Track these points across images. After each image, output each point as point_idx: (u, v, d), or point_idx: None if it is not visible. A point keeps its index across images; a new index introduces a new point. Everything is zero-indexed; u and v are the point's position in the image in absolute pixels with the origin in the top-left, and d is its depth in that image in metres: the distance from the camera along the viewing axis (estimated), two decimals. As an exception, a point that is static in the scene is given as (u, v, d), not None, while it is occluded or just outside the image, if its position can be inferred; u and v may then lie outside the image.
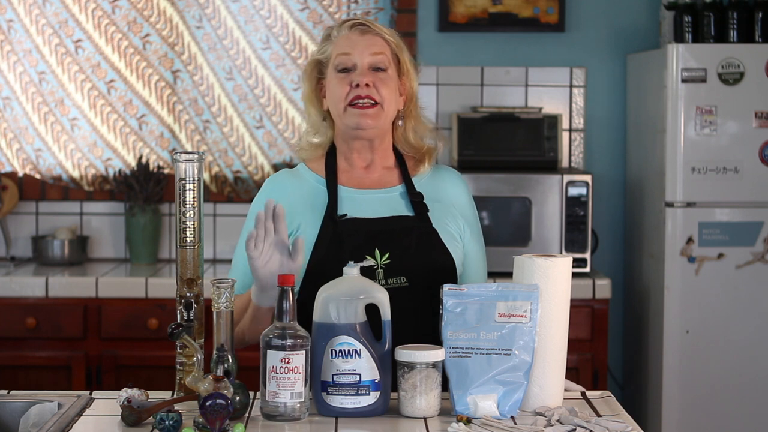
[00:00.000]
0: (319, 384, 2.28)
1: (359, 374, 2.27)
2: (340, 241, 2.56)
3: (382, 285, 2.51)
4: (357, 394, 2.27)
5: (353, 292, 2.29)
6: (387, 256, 2.56)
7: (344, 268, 2.34)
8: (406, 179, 2.68)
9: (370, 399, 2.28)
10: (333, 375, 2.27)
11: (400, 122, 2.70)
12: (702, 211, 4.25)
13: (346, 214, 2.60)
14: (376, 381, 2.28)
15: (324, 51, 2.66)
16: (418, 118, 2.72)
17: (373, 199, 2.65)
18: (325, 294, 2.30)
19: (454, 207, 2.70)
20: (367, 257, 2.43)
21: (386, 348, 2.29)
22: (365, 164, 2.69)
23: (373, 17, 4.73)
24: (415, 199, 2.65)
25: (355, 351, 2.27)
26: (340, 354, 2.27)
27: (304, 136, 2.74)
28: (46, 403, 2.39)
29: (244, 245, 2.44)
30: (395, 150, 2.72)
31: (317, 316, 2.30)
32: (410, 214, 2.64)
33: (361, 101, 2.60)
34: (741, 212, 4.26)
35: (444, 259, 2.61)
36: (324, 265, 2.54)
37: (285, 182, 2.69)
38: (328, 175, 2.66)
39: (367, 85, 2.59)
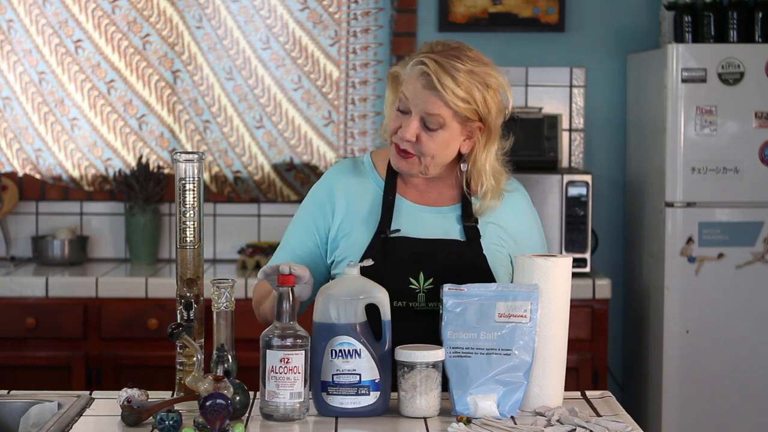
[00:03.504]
0: (319, 384, 2.28)
1: (359, 374, 2.27)
2: (386, 258, 2.52)
3: (422, 307, 2.51)
4: (357, 394, 2.27)
5: (353, 292, 2.30)
6: (431, 281, 2.53)
7: (344, 268, 2.34)
8: (464, 200, 2.60)
9: (370, 399, 2.28)
10: (333, 375, 2.27)
11: (463, 166, 2.59)
12: (702, 211, 4.24)
13: (399, 230, 2.56)
14: (376, 381, 2.28)
15: (405, 70, 2.53)
16: (482, 170, 2.58)
17: (428, 218, 2.59)
18: (325, 294, 2.30)
19: (510, 234, 2.62)
20: (369, 259, 2.41)
21: (386, 348, 2.30)
22: (425, 179, 2.62)
23: (373, 17, 4.73)
24: (469, 223, 2.58)
25: (355, 351, 2.27)
26: (340, 354, 2.27)
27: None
28: (46, 403, 2.39)
29: (296, 227, 2.62)
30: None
31: (317, 316, 2.30)
32: (461, 238, 2.57)
33: (401, 147, 2.53)
34: (741, 212, 4.26)
35: None
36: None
37: (348, 178, 2.63)
38: (387, 187, 2.60)
39: (410, 140, 2.51)
